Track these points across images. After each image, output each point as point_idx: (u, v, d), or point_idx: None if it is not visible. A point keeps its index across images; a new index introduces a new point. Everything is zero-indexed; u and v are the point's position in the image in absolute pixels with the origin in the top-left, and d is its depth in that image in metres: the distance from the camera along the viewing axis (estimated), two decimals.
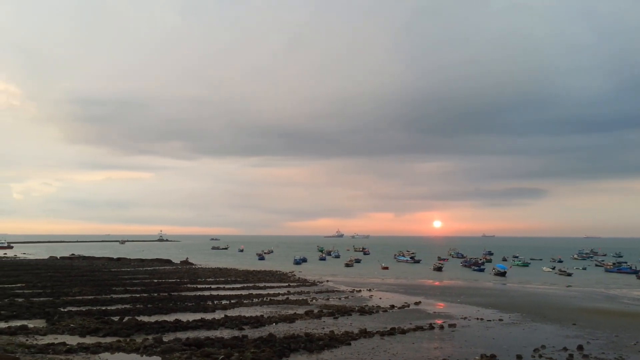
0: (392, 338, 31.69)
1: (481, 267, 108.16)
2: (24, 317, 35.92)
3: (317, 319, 38.63)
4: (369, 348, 28.58)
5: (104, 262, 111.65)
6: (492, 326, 37.23)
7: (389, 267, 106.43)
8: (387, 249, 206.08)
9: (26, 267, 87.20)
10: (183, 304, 45.00)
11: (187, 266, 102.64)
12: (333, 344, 29.13)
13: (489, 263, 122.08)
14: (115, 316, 36.63)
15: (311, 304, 47.31)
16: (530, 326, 37.79)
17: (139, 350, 26.38)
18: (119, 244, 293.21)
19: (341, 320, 38.17)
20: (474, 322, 38.82)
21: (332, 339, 30.38)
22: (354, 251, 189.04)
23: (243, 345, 27.76)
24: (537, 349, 29.17)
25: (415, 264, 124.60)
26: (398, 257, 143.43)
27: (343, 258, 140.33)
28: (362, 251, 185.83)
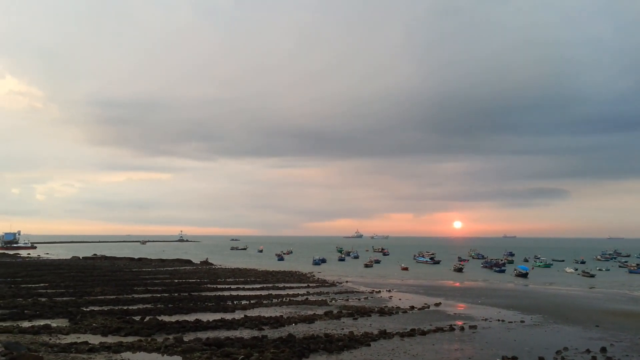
0: (412, 339, 31.51)
1: (502, 268, 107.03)
2: (47, 316, 36.45)
3: (337, 319, 38.58)
4: (388, 349, 28.45)
5: (126, 262, 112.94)
6: (513, 328, 36.82)
7: (408, 267, 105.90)
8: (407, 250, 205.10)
9: (49, 267, 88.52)
10: (203, 304, 45.30)
11: (207, 266, 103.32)
12: (352, 345, 29.07)
13: (510, 264, 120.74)
14: (137, 316, 36.99)
15: (330, 304, 47.28)
16: (553, 328, 37.29)
17: (160, 349, 26.62)
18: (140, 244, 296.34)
19: (360, 321, 38.08)
20: (495, 323, 38.43)
21: (351, 339, 30.31)
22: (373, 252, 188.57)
23: (263, 345, 27.83)
24: (559, 351, 28.77)
25: (434, 265, 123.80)
26: (417, 258, 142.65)
27: (362, 259, 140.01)
28: (382, 252, 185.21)
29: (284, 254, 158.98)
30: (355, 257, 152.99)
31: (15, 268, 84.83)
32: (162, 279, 69.29)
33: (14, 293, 49.26)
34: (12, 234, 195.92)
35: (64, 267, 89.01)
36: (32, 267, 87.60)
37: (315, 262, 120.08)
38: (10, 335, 28.56)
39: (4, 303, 41.85)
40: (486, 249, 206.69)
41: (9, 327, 31.11)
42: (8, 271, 77.08)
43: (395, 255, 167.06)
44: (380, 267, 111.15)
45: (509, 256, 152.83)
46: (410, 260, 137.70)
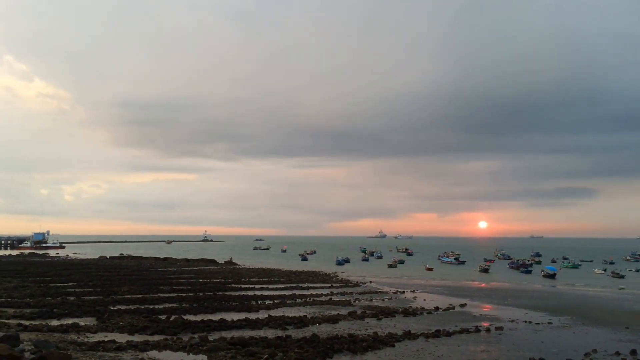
0: (437, 340, 31.22)
1: (529, 269, 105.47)
2: (76, 315, 37.06)
3: (361, 320, 38.46)
4: (413, 350, 28.24)
5: (152, 261, 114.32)
6: (541, 329, 36.23)
7: (433, 268, 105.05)
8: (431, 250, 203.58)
9: (77, 267, 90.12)
10: (227, 303, 45.59)
11: (231, 266, 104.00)
12: (377, 346, 28.92)
13: (537, 265, 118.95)
14: (163, 315, 37.38)
15: (354, 304, 47.15)
16: (581, 330, 36.60)
17: (185, 348, 26.86)
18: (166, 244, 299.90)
19: (385, 322, 37.88)
20: (521, 325, 37.87)
21: (375, 340, 30.17)
22: (397, 252, 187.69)
23: (287, 345, 27.87)
24: (588, 353, 28.21)
25: (459, 265, 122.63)
26: (442, 259, 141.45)
27: (386, 259, 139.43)
28: (406, 252, 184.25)
29: (308, 254, 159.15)
30: (379, 257, 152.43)
31: (44, 267, 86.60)
32: (187, 279, 69.96)
33: (43, 292, 50.26)
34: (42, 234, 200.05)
35: (92, 267, 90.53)
36: (60, 267, 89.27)
37: (338, 262, 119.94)
38: (40, 333, 29.11)
39: (34, 302, 42.73)
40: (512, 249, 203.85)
41: (39, 325, 31.73)
42: (37, 270, 78.71)
43: (420, 255, 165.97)
44: (405, 268, 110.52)
45: (536, 257, 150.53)
46: (434, 260, 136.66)
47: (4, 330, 27.79)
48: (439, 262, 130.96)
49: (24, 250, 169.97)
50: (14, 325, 30.85)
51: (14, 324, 31.19)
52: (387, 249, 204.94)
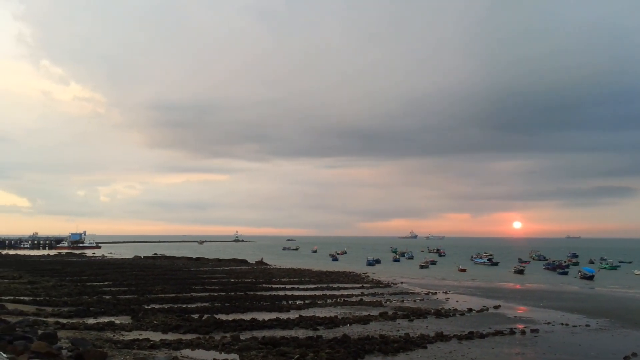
0: (470, 342, 30.78)
1: (565, 270, 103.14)
2: (111, 313, 37.83)
3: (392, 321, 38.21)
4: (445, 352, 27.90)
5: (184, 261, 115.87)
6: (578, 332, 35.39)
7: (466, 269, 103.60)
8: (464, 251, 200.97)
9: (113, 266, 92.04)
10: (259, 303, 45.88)
11: (262, 266, 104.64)
12: (408, 347, 28.69)
13: (574, 266, 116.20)
14: (195, 314, 37.82)
15: (385, 305, 46.88)
16: (620, 332, 35.61)
17: (217, 347, 27.14)
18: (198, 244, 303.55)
19: (416, 323, 37.55)
20: (558, 327, 37.04)
21: (407, 341, 29.94)
22: (429, 252, 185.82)
23: (317, 345, 27.87)
24: (627, 356, 27.42)
25: (493, 266, 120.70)
26: (475, 259, 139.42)
27: (417, 259, 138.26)
28: (437, 252, 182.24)
29: (338, 254, 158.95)
30: (410, 257, 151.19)
31: (81, 267, 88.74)
32: (219, 278, 70.66)
33: (80, 291, 51.48)
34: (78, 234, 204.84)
35: (127, 266, 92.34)
36: (96, 266, 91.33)
37: (369, 262, 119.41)
38: (77, 331, 29.78)
39: (71, 300, 43.80)
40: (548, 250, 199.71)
41: (76, 323, 32.47)
42: (75, 270, 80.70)
43: (452, 256, 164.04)
44: (436, 268, 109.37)
45: (573, 258, 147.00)
46: (467, 261, 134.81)
47: (43, 328, 28.54)
48: (471, 263, 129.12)
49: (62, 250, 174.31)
50: (52, 323, 31.64)
51: (52, 322, 31.98)
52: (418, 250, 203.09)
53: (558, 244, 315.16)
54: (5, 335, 21.37)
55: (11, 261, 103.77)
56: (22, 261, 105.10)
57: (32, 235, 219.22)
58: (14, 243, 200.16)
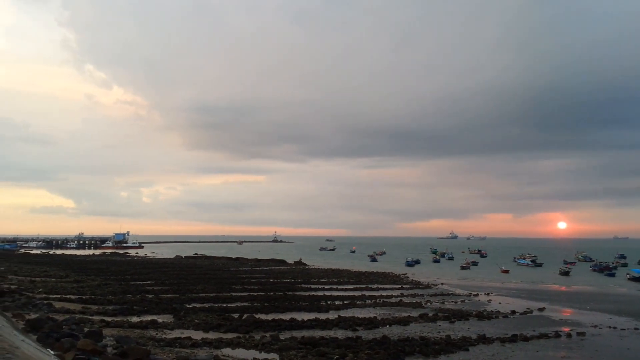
0: (514, 345, 30.06)
1: (613, 271, 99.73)
2: (154, 312, 38.55)
3: (432, 322, 37.69)
4: (488, 355, 27.32)
5: (224, 261, 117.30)
6: (626, 335, 34.13)
7: (509, 270, 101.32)
8: (506, 252, 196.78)
9: (155, 266, 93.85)
10: (298, 303, 45.95)
11: (300, 266, 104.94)
12: (449, 349, 28.23)
13: (622, 267, 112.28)
14: (235, 313, 38.18)
15: (425, 307, 46.30)
16: None
17: (257, 346, 27.30)
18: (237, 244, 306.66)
19: (458, 325, 36.92)
20: (605, 330, 35.83)
21: (448, 343, 29.47)
22: (470, 253, 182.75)
23: (357, 346, 27.71)
24: None
25: (536, 268, 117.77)
26: (518, 260, 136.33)
27: (457, 260, 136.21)
28: (479, 253, 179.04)
29: (377, 255, 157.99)
30: (450, 258, 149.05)
31: (125, 266, 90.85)
32: (258, 278, 71.19)
33: (124, 290, 52.65)
34: (122, 234, 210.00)
35: (168, 266, 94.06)
36: (139, 266, 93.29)
37: (408, 263, 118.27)
38: (121, 329, 30.46)
39: (116, 299, 44.85)
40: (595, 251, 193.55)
41: (120, 321, 33.21)
42: (119, 269, 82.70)
43: (494, 257, 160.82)
44: (478, 270, 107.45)
45: (621, 259, 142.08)
46: (510, 262, 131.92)
47: (88, 326, 29.27)
48: (514, 264, 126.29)
49: (106, 249, 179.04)
50: (97, 321, 32.43)
51: (97, 320, 32.78)
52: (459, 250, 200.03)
53: (605, 245, 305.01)
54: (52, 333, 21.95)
55: (58, 261, 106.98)
56: (68, 261, 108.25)
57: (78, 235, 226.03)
58: (60, 243, 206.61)
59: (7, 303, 34.37)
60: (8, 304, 33.86)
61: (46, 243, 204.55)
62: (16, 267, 78.82)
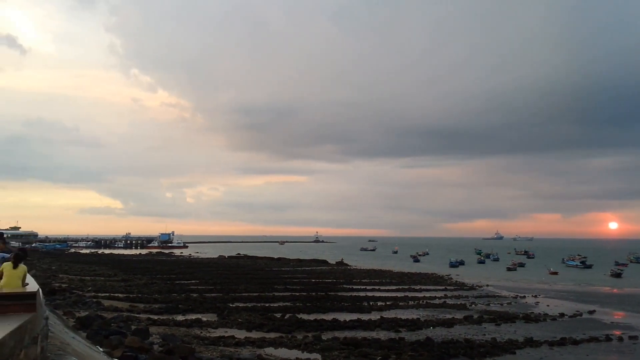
0: (563, 349, 29.17)
1: None
2: (198, 311, 39.14)
3: (477, 324, 36.99)
4: (535, 358, 26.65)
5: (266, 261, 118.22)
6: None
7: (557, 272, 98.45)
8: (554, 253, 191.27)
9: (199, 265, 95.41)
10: (340, 303, 45.84)
11: (342, 267, 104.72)
12: (495, 352, 27.65)
13: None
14: (278, 313, 38.38)
15: (470, 308, 45.46)
16: None
17: (300, 346, 27.36)
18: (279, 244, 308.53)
19: (504, 327, 36.10)
20: None
21: (494, 346, 28.86)
22: (516, 254, 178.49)
23: (400, 347, 27.44)
24: None
25: (586, 269, 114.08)
26: (567, 262, 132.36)
27: (503, 261, 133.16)
28: (526, 254, 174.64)
29: (420, 256, 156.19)
30: (496, 259, 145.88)
31: (170, 266, 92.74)
32: (300, 278, 71.40)
33: (169, 289, 53.73)
34: (167, 235, 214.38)
35: (212, 266, 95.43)
36: (184, 265, 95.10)
37: (452, 264, 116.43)
38: (167, 327, 31.06)
39: (161, 298, 45.80)
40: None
41: (166, 320, 33.88)
42: (164, 268, 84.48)
43: (541, 258, 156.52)
44: (525, 271, 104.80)
45: None
46: (558, 263, 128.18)
47: (136, 324, 29.95)
48: (563, 266, 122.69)
49: (152, 249, 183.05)
50: (144, 319, 33.16)
51: (144, 318, 33.52)
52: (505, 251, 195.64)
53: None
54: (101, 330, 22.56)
55: (106, 260, 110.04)
56: (116, 260, 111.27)
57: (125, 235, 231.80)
58: (108, 243, 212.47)
59: (58, 301, 35.55)
60: (59, 302, 35.01)
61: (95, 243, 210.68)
62: (67, 266, 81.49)
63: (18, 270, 9.33)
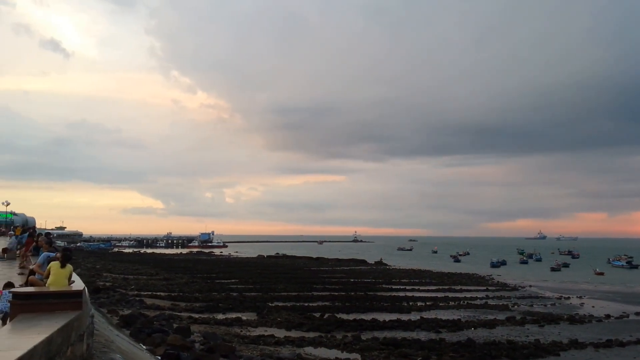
0: (609, 351, 28.30)
1: None
2: (238, 310, 39.51)
3: (520, 326, 36.23)
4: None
5: (305, 261, 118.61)
6: None
7: (604, 272, 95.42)
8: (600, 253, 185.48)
9: (238, 265, 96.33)
10: (379, 303, 45.59)
11: (381, 267, 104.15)
12: (539, 354, 27.08)
13: None
14: (317, 312, 38.42)
15: (512, 309, 44.52)
16: None
17: (339, 346, 27.35)
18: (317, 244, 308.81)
19: (547, 329, 35.24)
20: None
21: (537, 348, 28.22)
22: (559, 254, 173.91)
23: (440, 348, 27.13)
24: None
25: (633, 270, 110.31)
26: (613, 262, 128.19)
27: (546, 261, 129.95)
28: (570, 254, 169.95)
29: (460, 255, 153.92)
30: (538, 259, 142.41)
31: (210, 265, 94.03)
32: (338, 278, 71.28)
33: (209, 288, 54.48)
34: (207, 234, 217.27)
35: (251, 265, 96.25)
36: (224, 265, 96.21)
37: (493, 264, 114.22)
38: (207, 326, 31.52)
39: (202, 296, 46.49)
40: None
41: (207, 318, 34.39)
42: (204, 268, 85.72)
43: (586, 258, 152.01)
44: (569, 271, 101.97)
45: None
46: (604, 264, 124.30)
47: (177, 322, 30.50)
48: (609, 266, 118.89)
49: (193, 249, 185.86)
50: (185, 317, 33.76)
51: (186, 317, 34.12)
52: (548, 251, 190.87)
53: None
54: (144, 328, 23.07)
55: (148, 259, 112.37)
56: (158, 259, 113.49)
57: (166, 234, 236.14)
58: (150, 242, 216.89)
59: (102, 299, 36.56)
60: (103, 300, 36.00)
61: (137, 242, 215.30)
62: (110, 265, 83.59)
63: (65, 270, 9.61)
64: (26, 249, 20.83)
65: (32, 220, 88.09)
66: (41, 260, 11.55)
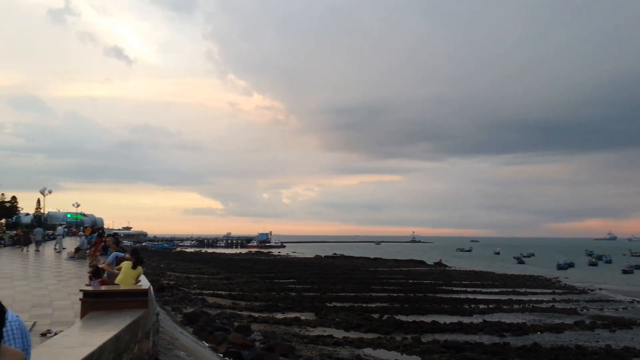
0: None
1: None
2: (297, 309, 39.73)
3: (590, 330, 34.66)
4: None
5: (362, 261, 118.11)
6: None
7: None
8: None
9: (296, 265, 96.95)
10: (439, 305, 44.69)
11: (440, 268, 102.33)
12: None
13: None
14: (375, 313, 38.08)
15: (581, 313, 42.63)
16: None
17: (399, 348, 26.99)
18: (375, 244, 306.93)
19: (619, 334, 33.54)
20: None
21: (608, 353, 26.98)
22: (631, 256, 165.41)
23: (505, 352, 26.32)
24: None
25: None
26: None
27: (617, 263, 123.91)
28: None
29: (524, 257, 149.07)
30: (608, 261, 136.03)
31: (268, 265, 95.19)
32: (397, 279, 70.52)
33: (268, 287, 55.08)
34: (265, 234, 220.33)
35: (309, 265, 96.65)
36: (282, 264, 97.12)
37: (560, 266, 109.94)
38: (267, 325, 31.87)
39: (261, 296, 47.06)
40: None
41: (266, 317, 34.79)
42: (263, 267, 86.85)
43: None
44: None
45: None
46: None
47: (238, 321, 31.01)
48: None
49: (251, 249, 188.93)
50: (245, 316, 34.27)
51: (246, 316, 34.63)
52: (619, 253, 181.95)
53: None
54: (206, 327, 23.56)
55: (209, 259, 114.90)
56: (218, 259, 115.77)
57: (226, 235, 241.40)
58: (211, 242, 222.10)
59: (166, 297, 37.64)
60: (167, 299, 37.05)
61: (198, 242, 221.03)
62: (173, 264, 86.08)
63: (136, 271, 9.92)
64: (95, 249, 21.66)
65: (101, 221, 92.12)
66: (110, 260, 11.93)
